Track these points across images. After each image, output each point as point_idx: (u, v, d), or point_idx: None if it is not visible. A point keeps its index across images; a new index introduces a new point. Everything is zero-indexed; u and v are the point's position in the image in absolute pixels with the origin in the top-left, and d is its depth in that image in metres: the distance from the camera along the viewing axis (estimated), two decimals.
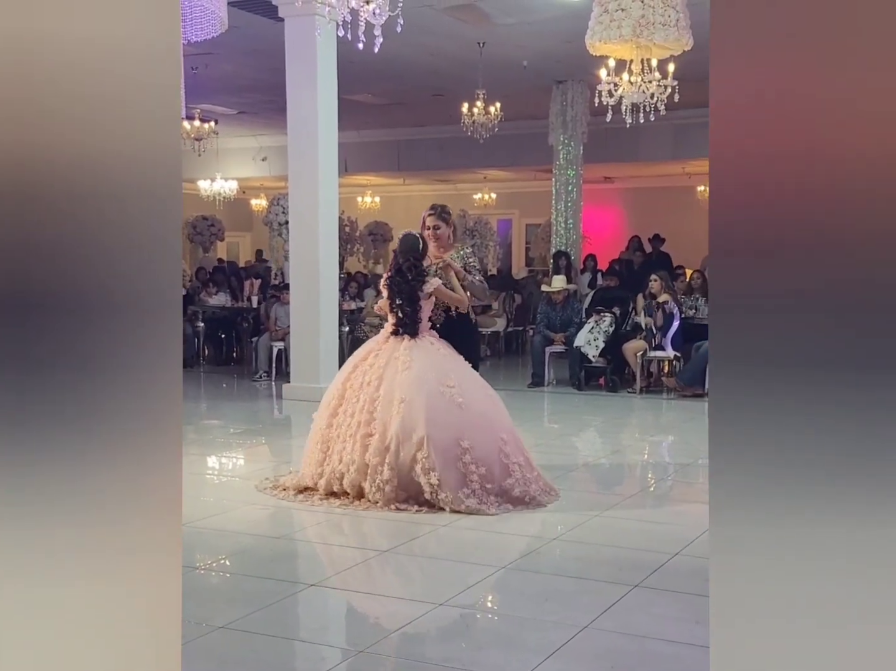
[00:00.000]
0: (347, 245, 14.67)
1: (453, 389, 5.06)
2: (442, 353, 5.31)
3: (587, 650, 3.25)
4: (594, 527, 4.82)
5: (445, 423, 4.97)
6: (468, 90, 11.83)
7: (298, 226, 8.43)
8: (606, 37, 6.68)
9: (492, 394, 5.44)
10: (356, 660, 3.19)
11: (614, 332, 9.95)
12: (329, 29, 7.23)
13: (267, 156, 18.09)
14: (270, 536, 4.80)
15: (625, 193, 19.14)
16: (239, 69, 12.25)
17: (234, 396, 10.31)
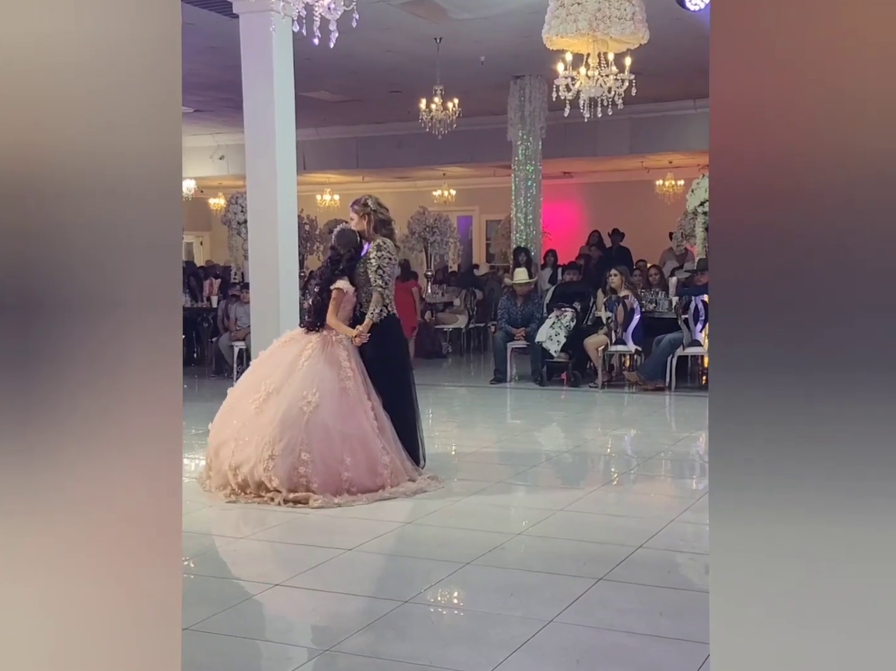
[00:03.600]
0: (307, 243, 14.59)
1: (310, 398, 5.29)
2: (323, 359, 5.47)
3: (553, 644, 3.26)
4: (558, 522, 4.83)
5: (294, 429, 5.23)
6: (426, 86, 11.81)
7: (257, 225, 8.36)
8: (563, 31, 6.70)
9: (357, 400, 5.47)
10: (322, 659, 3.17)
11: (576, 327, 9.99)
12: (284, 25, 7.17)
13: (224, 154, 17.95)
14: (232, 537, 4.76)
15: (584, 188, 19.23)
16: (194, 67, 12.13)
17: (196, 396, 10.22)
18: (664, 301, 10.25)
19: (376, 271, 5.62)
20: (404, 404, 5.72)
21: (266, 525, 4.85)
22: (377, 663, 3.13)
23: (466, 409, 9.41)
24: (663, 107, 13.84)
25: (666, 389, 9.31)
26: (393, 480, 5.36)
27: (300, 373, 5.39)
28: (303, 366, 5.43)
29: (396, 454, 5.47)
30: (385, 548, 4.51)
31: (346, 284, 5.66)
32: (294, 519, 4.91)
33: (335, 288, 5.65)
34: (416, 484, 5.43)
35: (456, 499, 5.32)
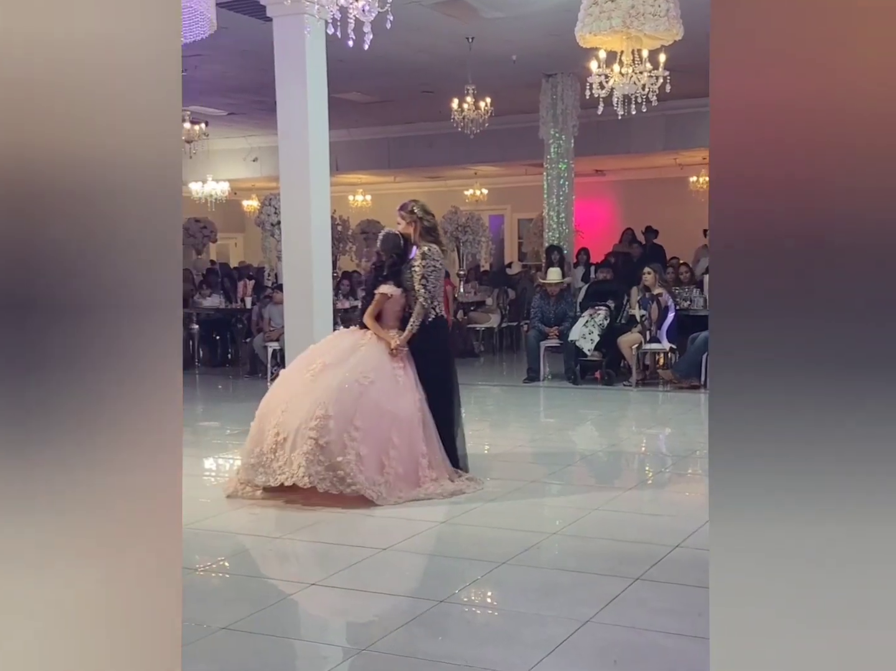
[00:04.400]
0: (339, 244, 14.64)
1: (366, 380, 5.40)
2: (379, 348, 5.60)
3: (589, 644, 3.25)
4: (593, 521, 4.82)
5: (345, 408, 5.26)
6: (457, 86, 11.81)
7: (291, 226, 8.40)
8: (596, 28, 6.67)
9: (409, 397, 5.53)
10: (358, 659, 3.19)
11: (609, 325, 9.95)
12: (318, 27, 7.21)
13: (257, 156, 18.05)
14: (269, 536, 4.79)
15: (617, 186, 19.14)
16: (228, 70, 12.21)
17: (231, 397, 10.30)
18: (699, 298, 10.18)
19: (420, 280, 5.67)
20: (445, 407, 5.73)
21: (301, 524, 4.87)
22: (413, 663, 3.14)
23: (499, 408, 9.41)
24: (697, 103, 13.72)
25: (701, 387, 9.24)
26: (431, 474, 5.39)
27: (358, 356, 5.56)
28: (360, 351, 5.60)
29: (436, 451, 5.51)
30: (420, 548, 4.52)
31: (390, 289, 5.75)
32: (329, 518, 4.93)
33: (379, 293, 5.75)
34: (454, 485, 5.44)
35: (490, 498, 5.32)
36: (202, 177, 17.74)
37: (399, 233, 5.88)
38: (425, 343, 5.71)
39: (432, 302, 5.74)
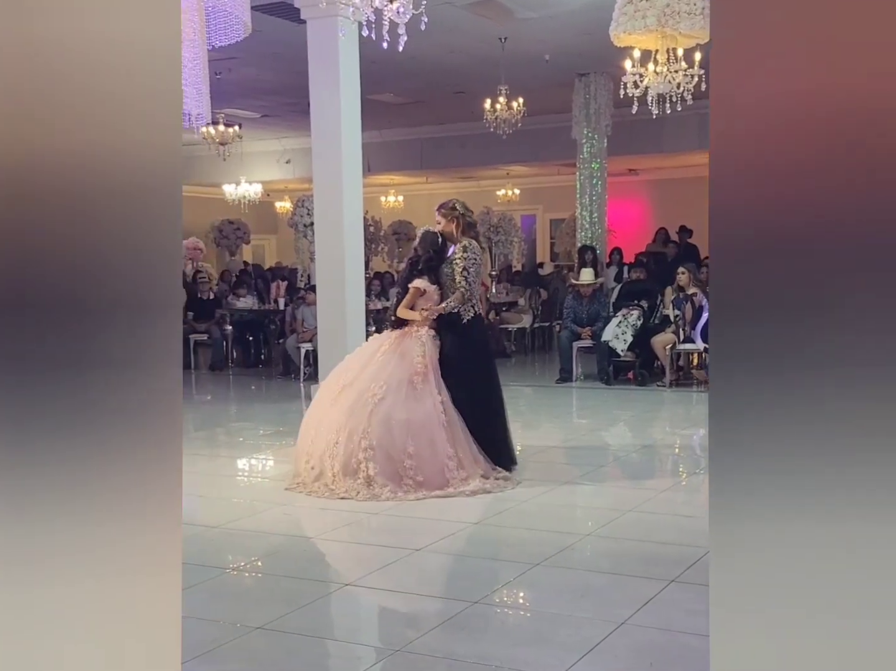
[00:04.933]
0: (372, 245, 14.69)
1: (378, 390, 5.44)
2: (398, 353, 5.61)
3: (625, 646, 3.23)
4: (627, 522, 4.79)
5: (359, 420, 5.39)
6: (490, 86, 11.80)
7: (323, 227, 8.44)
8: (631, 27, 6.64)
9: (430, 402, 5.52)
10: (391, 660, 3.19)
11: (642, 325, 9.89)
12: (352, 30, 7.23)
13: (290, 158, 18.15)
14: (302, 536, 4.81)
15: (650, 185, 19.03)
16: (262, 73, 12.29)
17: (264, 398, 10.36)
18: None
19: (462, 272, 5.74)
20: (484, 404, 5.73)
21: (336, 525, 4.89)
22: (447, 663, 3.14)
23: (532, 409, 9.38)
24: None
25: None
26: (460, 474, 5.38)
27: (372, 367, 5.59)
28: (377, 360, 5.63)
29: (466, 450, 5.50)
30: (454, 549, 4.51)
31: (424, 283, 5.80)
32: (363, 519, 4.94)
33: (413, 286, 5.81)
34: (475, 484, 5.40)
35: (523, 499, 5.30)
36: (236, 179, 17.87)
37: (438, 231, 5.92)
38: (462, 342, 5.73)
39: (472, 298, 5.77)
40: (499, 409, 5.85)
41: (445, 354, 5.69)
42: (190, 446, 7.45)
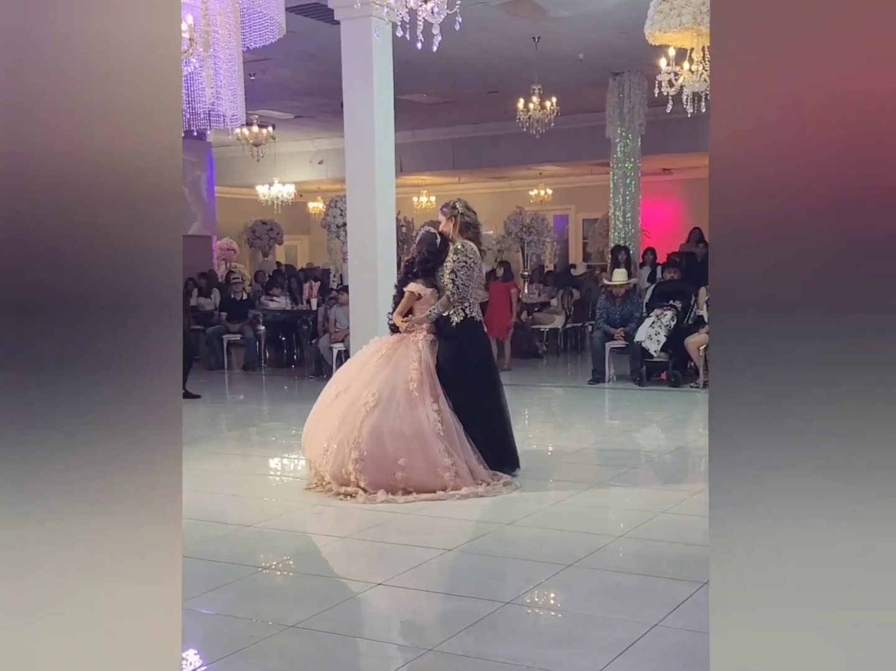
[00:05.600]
0: (404, 245, 14.72)
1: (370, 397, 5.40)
2: (392, 361, 5.54)
3: (658, 648, 3.21)
4: (659, 524, 4.76)
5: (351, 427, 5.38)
6: (523, 86, 11.78)
7: (356, 227, 8.47)
8: (666, 26, 6.60)
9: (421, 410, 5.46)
10: (422, 659, 3.19)
11: (676, 325, 9.83)
12: (386, 30, 7.25)
13: (323, 159, 18.22)
14: (334, 536, 4.83)
15: (684, 184, 18.90)
16: (296, 74, 12.35)
17: (296, 398, 10.41)
18: None
19: (449, 274, 5.63)
20: (483, 408, 5.64)
21: (367, 524, 4.90)
22: (478, 664, 3.14)
23: (564, 410, 9.36)
24: None
25: None
26: (457, 482, 5.30)
27: (366, 375, 5.54)
28: (371, 365, 5.57)
29: (463, 458, 5.39)
30: (484, 549, 4.51)
31: (418, 287, 5.70)
32: (392, 519, 4.95)
33: (407, 290, 5.72)
34: (470, 488, 5.31)
35: (555, 500, 5.29)
36: (269, 179, 17.97)
37: (437, 231, 5.82)
38: (453, 346, 5.63)
39: (462, 301, 5.63)
40: (496, 412, 5.73)
41: (439, 359, 5.57)
42: (223, 446, 7.51)
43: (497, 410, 5.75)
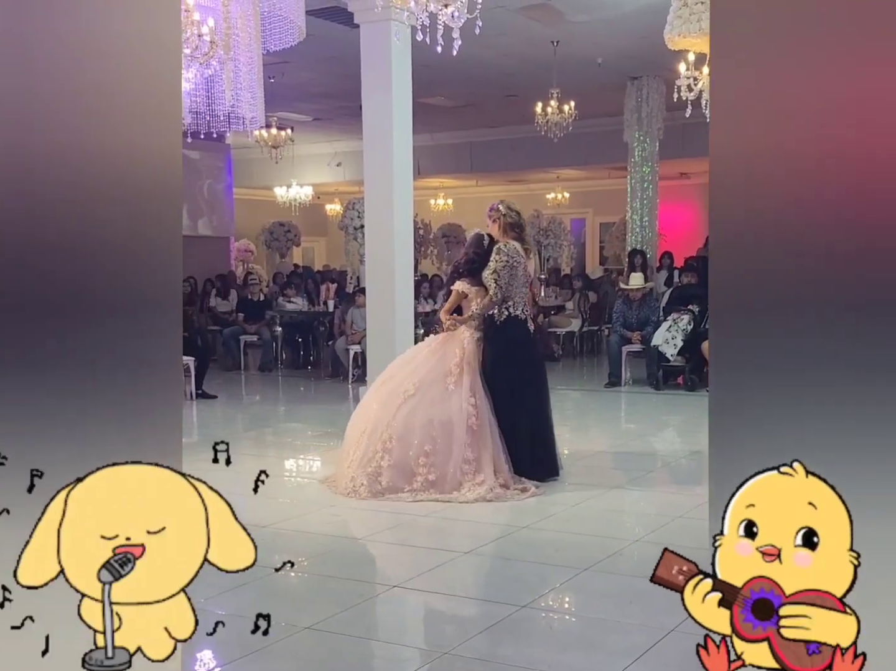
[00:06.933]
0: (421, 247, 14.74)
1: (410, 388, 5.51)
2: (438, 355, 5.65)
3: (675, 653, 3.20)
4: (676, 529, 4.75)
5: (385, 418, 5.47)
6: (541, 89, 11.78)
7: (373, 229, 8.48)
8: (686, 31, 6.58)
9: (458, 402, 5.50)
10: (439, 662, 3.19)
11: (693, 330, 9.80)
12: (405, 33, 7.26)
13: (341, 161, 18.27)
14: (350, 537, 4.84)
15: (702, 189, 18.79)
16: (315, 77, 12.39)
17: (313, 399, 10.43)
18: None
19: (491, 274, 5.72)
20: (525, 409, 5.66)
21: (383, 526, 4.91)
22: (494, 667, 3.13)
23: (580, 413, 9.34)
24: None
25: None
26: (476, 479, 5.32)
27: (412, 366, 5.69)
28: (419, 359, 5.73)
29: (488, 457, 5.39)
30: (501, 552, 4.51)
31: (463, 286, 5.84)
32: (411, 521, 4.95)
33: (454, 289, 5.90)
34: (479, 491, 5.27)
35: (571, 503, 5.28)
36: (287, 181, 18.02)
37: (486, 233, 5.95)
38: (497, 345, 5.69)
39: (505, 300, 5.71)
40: (538, 414, 5.74)
41: (484, 357, 5.68)
42: (239, 446, 7.53)
43: (539, 413, 5.78)
